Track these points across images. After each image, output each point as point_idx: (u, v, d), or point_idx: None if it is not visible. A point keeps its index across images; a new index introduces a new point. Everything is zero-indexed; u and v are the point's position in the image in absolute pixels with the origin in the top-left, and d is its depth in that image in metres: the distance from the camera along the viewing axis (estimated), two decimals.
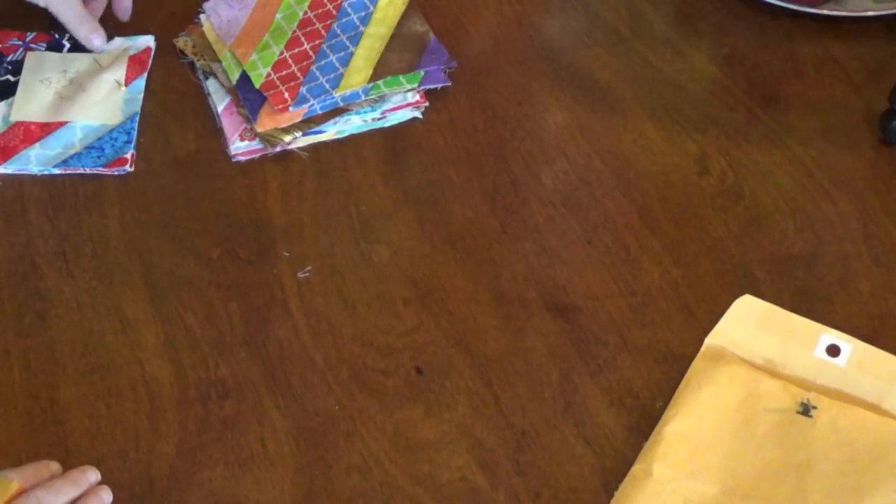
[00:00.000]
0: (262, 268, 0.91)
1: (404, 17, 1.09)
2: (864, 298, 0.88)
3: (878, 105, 0.98)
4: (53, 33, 1.07)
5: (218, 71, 1.06)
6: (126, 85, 1.03)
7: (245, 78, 1.04)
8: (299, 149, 1.01)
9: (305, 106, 1.02)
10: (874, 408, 0.80)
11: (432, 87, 1.04)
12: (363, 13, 1.09)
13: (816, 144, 0.98)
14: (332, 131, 1.02)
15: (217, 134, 1.01)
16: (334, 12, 1.10)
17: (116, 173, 0.98)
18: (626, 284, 0.90)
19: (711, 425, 0.79)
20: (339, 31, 1.08)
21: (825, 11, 1.06)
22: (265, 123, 1.01)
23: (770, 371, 0.83)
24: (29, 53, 1.05)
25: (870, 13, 1.06)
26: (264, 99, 1.02)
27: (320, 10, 1.10)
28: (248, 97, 1.03)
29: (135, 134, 1.00)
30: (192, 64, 1.08)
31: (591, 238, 0.93)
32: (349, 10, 1.09)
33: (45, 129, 1.00)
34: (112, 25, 1.08)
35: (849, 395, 0.81)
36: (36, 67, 1.04)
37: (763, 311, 0.86)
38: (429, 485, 0.79)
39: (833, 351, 0.83)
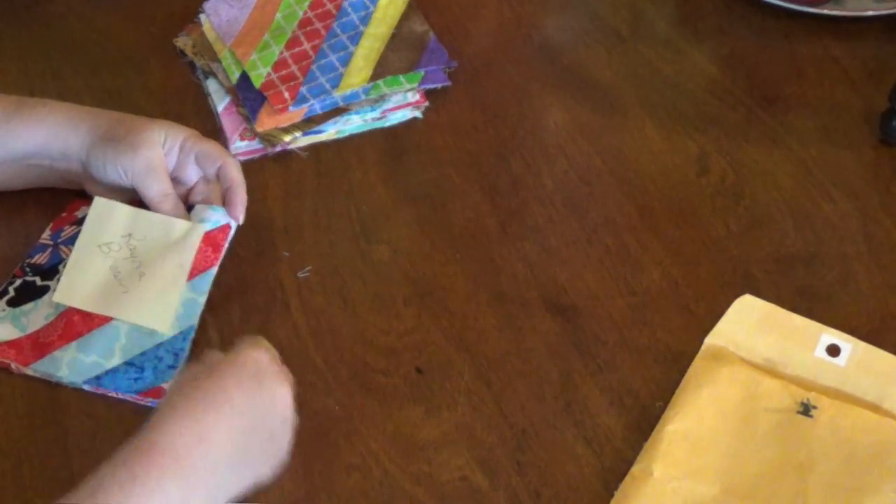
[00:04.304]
0: (262, 268, 0.91)
1: (404, 16, 1.09)
2: (864, 298, 0.88)
3: (878, 105, 0.98)
4: None
5: (218, 71, 1.06)
6: (190, 277, 0.87)
7: (245, 78, 1.04)
8: (299, 149, 1.01)
9: (305, 106, 1.02)
10: (874, 408, 0.80)
11: (432, 86, 1.04)
12: (363, 13, 1.09)
13: (816, 144, 0.98)
14: (332, 131, 1.02)
15: (217, 134, 1.01)
16: (334, 12, 1.10)
17: (150, 404, 0.83)
18: (626, 284, 0.90)
19: (711, 425, 0.79)
20: (339, 30, 1.08)
21: (825, 11, 1.06)
22: (265, 123, 1.01)
23: (770, 371, 0.83)
24: (97, 199, 0.90)
25: (870, 13, 1.06)
26: (264, 99, 1.02)
27: (320, 10, 1.10)
28: (248, 97, 1.03)
29: (184, 356, 0.85)
30: (192, 64, 1.08)
31: (591, 238, 0.93)
32: (349, 9, 1.09)
33: (87, 324, 0.85)
34: None
35: (849, 394, 0.81)
36: (100, 222, 0.89)
37: (763, 311, 0.86)
38: (429, 485, 0.79)
39: (833, 351, 0.83)
